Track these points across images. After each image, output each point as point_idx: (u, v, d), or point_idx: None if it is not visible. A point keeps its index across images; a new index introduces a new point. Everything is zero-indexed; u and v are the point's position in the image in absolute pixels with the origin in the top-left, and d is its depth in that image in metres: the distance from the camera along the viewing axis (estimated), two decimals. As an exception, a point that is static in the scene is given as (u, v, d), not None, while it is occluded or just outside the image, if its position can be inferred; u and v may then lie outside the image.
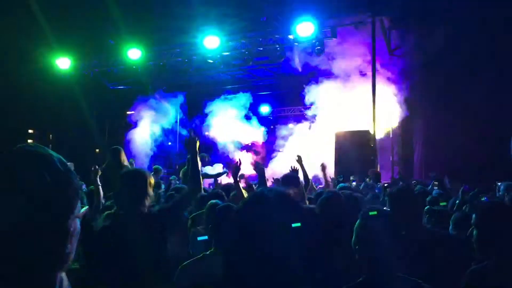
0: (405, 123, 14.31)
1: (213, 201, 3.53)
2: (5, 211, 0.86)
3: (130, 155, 17.38)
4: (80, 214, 1.02)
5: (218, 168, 12.55)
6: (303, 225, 1.21)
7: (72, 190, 0.98)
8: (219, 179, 10.12)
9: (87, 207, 3.67)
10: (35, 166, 0.93)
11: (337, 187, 6.11)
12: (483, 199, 6.57)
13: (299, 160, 6.05)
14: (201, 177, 3.70)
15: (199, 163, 3.72)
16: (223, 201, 3.90)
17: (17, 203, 0.87)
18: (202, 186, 3.67)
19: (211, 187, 9.81)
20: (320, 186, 8.38)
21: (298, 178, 5.12)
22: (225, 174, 10.56)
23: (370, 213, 2.29)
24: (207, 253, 2.94)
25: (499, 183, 7.18)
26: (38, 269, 0.91)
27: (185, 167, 7.75)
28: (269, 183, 6.45)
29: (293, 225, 1.23)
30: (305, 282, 1.19)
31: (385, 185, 7.75)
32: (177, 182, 10.06)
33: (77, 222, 1.01)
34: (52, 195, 0.92)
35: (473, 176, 10.26)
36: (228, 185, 6.18)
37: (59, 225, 0.94)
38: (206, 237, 3.76)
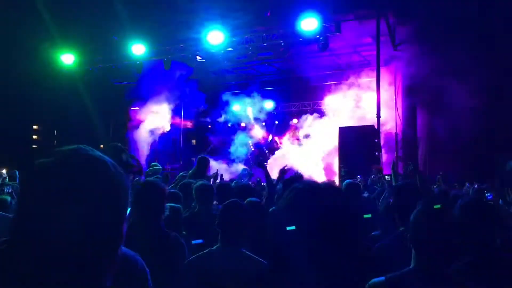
0: (409, 119, 14.26)
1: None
2: (70, 219, 0.84)
3: (134, 150, 17.43)
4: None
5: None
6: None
7: (125, 193, 0.97)
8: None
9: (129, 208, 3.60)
10: (95, 171, 0.91)
11: (343, 184, 6.04)
12: (487, 194, 6.55)
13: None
14: None
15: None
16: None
17: (81, 210, 0.85)
18: None
19: None
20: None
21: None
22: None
23: (435, 206, 2.25)
24: (213, 248, 2.95)
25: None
26: (95, 274, 0.91)
27: (191, 170, 7.76)
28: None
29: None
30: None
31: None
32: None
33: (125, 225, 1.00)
34: (111, 199, 0.91)
35: (478, 173, 10.25)
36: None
37: (117, 228, 0.93)
38: (201, 241, 3.77)
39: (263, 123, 20.75)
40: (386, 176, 8.65)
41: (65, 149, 0.95)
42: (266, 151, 19.84)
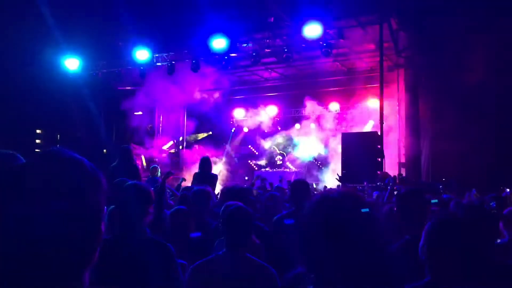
0: (412, 124, 14.23)
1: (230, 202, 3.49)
2: (46, 218, 0.88)
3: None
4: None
5: None
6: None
7: (103, 192, 1.00)
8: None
9: (112, 206, 3.55)
10: (70, 171, 0.94)
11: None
12: (491, 203, 6.50)
13: None
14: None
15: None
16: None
17: (57, 209, 0.88)
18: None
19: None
20: None
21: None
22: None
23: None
24: (219, 253, 2.94)
25: (507, 189, 7.08)
26: (75, 271, 0.94)
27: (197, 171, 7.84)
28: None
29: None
30: None
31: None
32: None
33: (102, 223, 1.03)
34: (87, 199, 0.94)
35: (482, 180, 10.21)
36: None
37: (94, 226, 0.96)
38: (199, 234, 3.77)
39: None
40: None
41: (41, 151, 0.99)
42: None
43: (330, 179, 16.52)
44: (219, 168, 17.78)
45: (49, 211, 0.87)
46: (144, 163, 7.03)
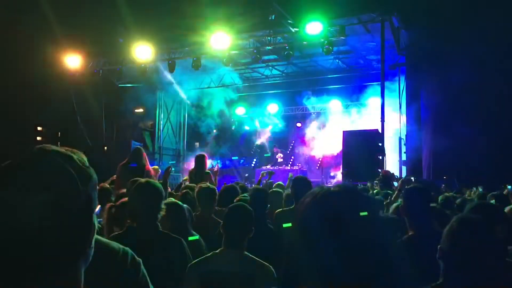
0: (413, 122, 14.23)
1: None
2: (36, 209, 0.90)
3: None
4: (96, 209, 1.06)
5: None
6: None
7: (93, 184, 1.02)
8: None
9: (99, 205, 3.60)
10: (59, 164, 0.97)
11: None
12: (492, 201, 6.49)
13: None
14: None
15: None
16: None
17: (47, 201, 0.91)
18: None
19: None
20: None
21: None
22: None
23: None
24: (217, 251, 2.93)
25: (509, 186, 7.08)
26: (67, 264, 0.96)
27: (192, 169, 7.81)
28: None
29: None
30: None
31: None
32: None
33: (95, 216, 1.05)
34: (77, 190, 0.96)
35: (482, 177, 10.20)
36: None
37: (85, 218, 0.99)
38: (197, 237, 3.76)
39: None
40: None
41: (31, 149, 1.02)
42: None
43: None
44: None
45: (38, 203, 0.89)
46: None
